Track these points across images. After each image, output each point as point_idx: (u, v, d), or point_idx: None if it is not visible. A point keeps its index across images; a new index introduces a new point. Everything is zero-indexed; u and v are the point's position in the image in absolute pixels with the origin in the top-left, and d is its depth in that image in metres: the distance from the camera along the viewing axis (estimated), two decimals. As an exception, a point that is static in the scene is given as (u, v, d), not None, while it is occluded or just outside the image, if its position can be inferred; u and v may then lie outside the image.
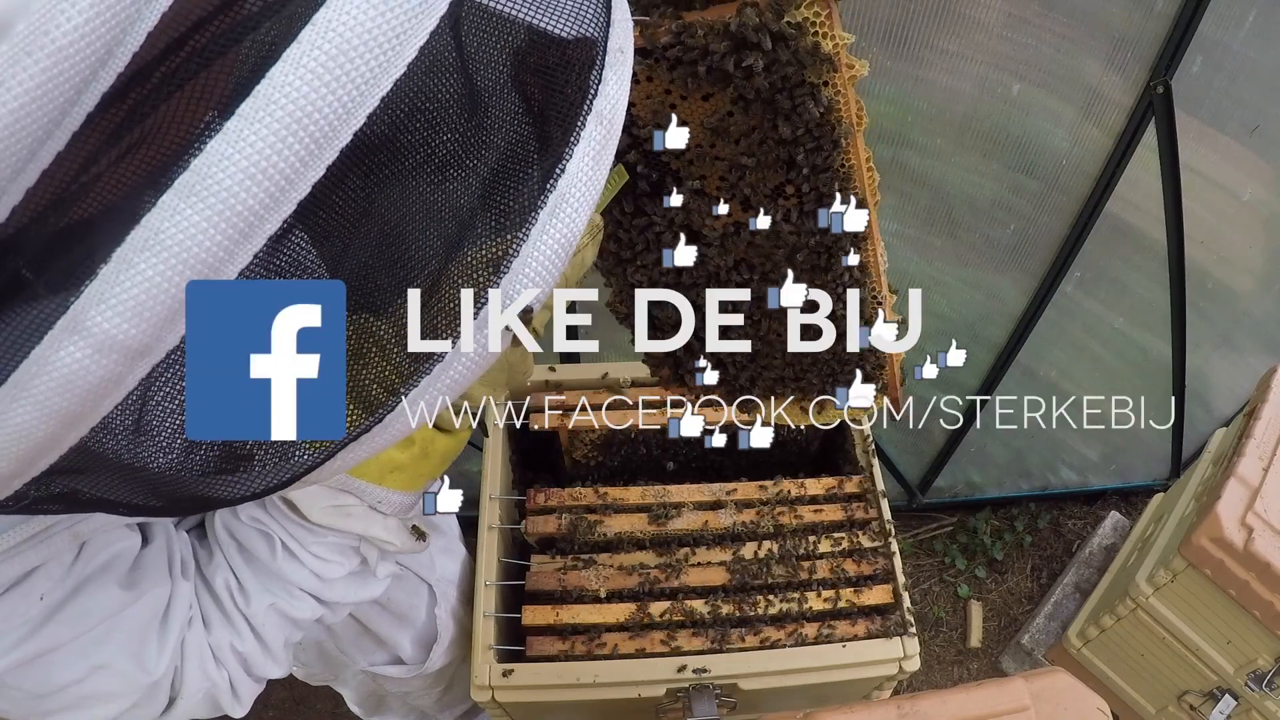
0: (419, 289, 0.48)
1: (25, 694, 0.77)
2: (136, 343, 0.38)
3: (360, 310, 0.48)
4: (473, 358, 0.49)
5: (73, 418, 0.39)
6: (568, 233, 0.49)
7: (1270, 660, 1.80)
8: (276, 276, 0.43)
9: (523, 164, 0.48)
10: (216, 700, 0.92)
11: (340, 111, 0.38)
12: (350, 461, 0.51)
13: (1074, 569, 2.50)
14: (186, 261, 0.36)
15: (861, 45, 1.49)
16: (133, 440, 0.43)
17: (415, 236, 0.48)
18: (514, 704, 1.36)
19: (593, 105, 0.48)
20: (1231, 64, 1.56)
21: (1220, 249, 1.95)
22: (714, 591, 1.43)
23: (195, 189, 0.36)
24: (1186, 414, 2.37)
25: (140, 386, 0.41)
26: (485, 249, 0.48)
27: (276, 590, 0.90)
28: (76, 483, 0.46)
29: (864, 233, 0.80)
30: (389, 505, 0.88)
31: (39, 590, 0.75)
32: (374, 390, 0.50)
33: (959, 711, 1.19)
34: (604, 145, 0.50)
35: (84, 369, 0.37)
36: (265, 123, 0.36)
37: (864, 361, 0.92)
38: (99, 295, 0.36)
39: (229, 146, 0.36)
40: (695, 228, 0.84)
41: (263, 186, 0.37)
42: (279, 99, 0.36)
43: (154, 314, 0.37)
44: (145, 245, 0.36)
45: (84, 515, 0.77)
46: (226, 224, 0.37)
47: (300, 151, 0.37)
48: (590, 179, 0.49)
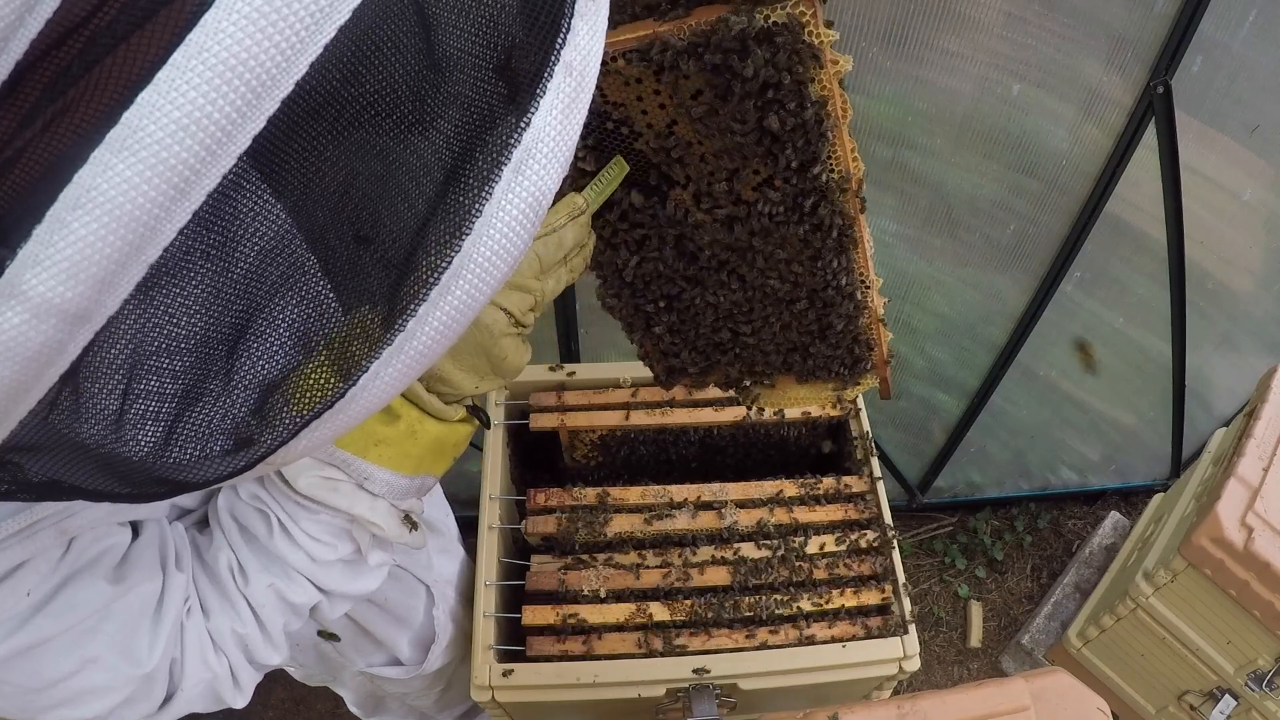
0: (378, 255, 0.45)
1: (17, 689, 0.77)
2: (74, 306, 0.36)
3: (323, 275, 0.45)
4: (434, 331, 0.45)
5: (16, 387, 0.37)
6: (536, 192, 0.45)
7: (1270, 660, 1.80)
8: (221, 238, 0.40)
9: (485, 120, 0.45)
10: (218, 692, 0.92)
11: (279, 59, 0.36)
12: (317, 440, 0.48)
13: (1074, 569, 2.50)
14: (120, 219, 0.35)
15: (861, 45, 1.49)
16: (79, 415, 0.41)
17: (372, 199, 0.44)
18: (514, 704, 1.36)
19: (560, 55, 0.45)
20: (1231, 64, 1.56)
21: (1220, 249, 1.95)
22: (714, 591, 1.43)
23: (126, 142, 0.34)
24: (1186, 414, 2.37)
25: (83, 354, 0.38)
26: (447, 213, 0.44)
27: (275, 571, 0.90)
28: (35, 462, 0.44)
29: (850, 220, 0.81)
30: (376, 483, 0.86)
31: (26, 585, 0.75)
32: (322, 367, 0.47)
33: (959, 711, 1.19)
34: (574, 99, 0.46)
35: (23, 335, 0.36)
36: (198, 71, 0.34)
37: (854, 344, 0.93)
38: (34, 257, 0.34)
39: (160, 97, 0.34)
40: (683, 223, 0.85)
41: (197, 138, 0.35)
42: (212, 46, 0.34)
43: (90, 275, 0.35)
44: (78, 203, 0.34)
45: (72, 511, 0.77)
46: (161, 178, 0.35)
47: (236, 101, 0.35)
48: (560, 134, 0.45)
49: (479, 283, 0.46)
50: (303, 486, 0.84)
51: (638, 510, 1.51)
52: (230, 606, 0.90)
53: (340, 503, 0.85)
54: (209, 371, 0.45)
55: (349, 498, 0.86)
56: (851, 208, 0.80)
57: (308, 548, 0.89)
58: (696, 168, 0.80)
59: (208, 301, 0.42)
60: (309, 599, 0.93)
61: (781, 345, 0.96)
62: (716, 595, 1.42)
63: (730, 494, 1.53)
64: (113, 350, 0.41)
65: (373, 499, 0.87)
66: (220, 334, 0.44)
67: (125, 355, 0.41)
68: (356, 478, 0.85)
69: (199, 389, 0.45)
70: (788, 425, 1.65)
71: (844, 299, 0.88)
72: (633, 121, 0.78)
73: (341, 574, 0.94)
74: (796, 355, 0.96)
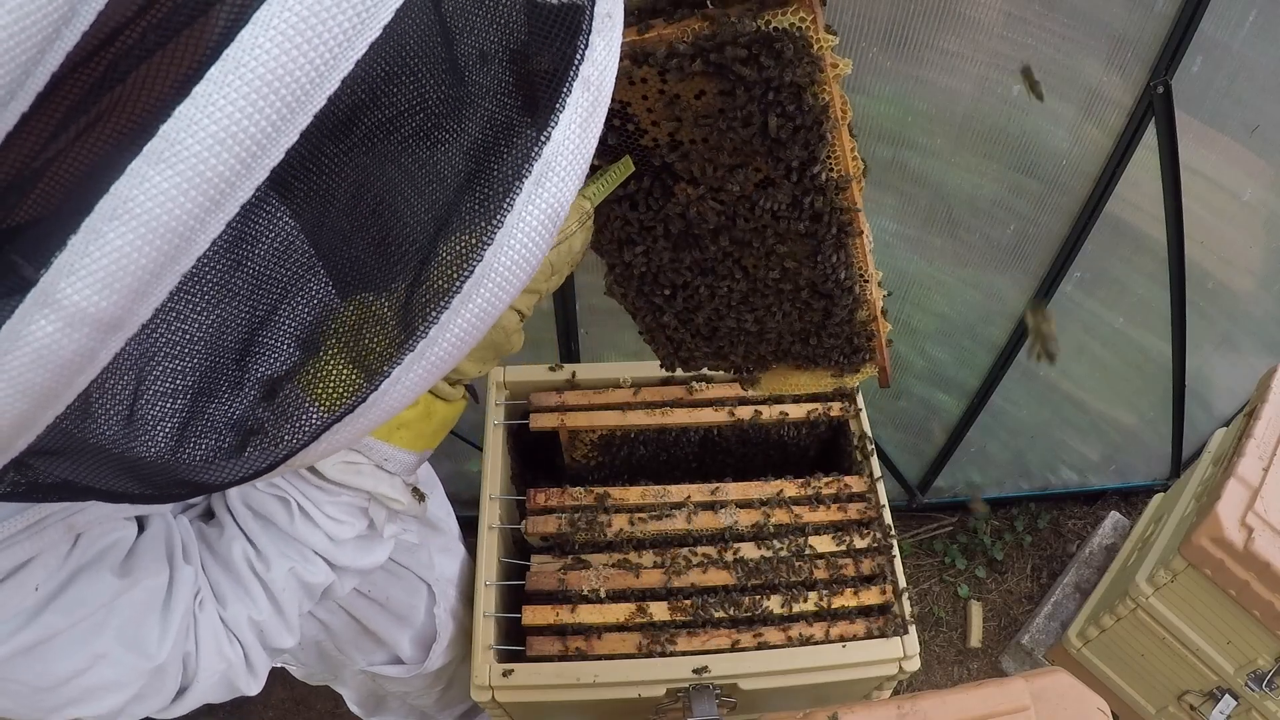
0: (402, 265, 0.46)
1: (27, 687, 0.77)
2: (108, 315, 0.36)
3: (342, 285, 0.46)
4: (455, 338, 0.47)
5: (46, 394, 0.38)
6: (554, 203, 0.46)
7: (1270, 660, 1.80)
8: (253, 247, 0.41)
9: (506, 133, 0.46)
10: (232, 681, 0.93)
11: (312, 75, 0.36)
12: (339, 442, 0.49)
13: (1074, 569, 2.50)
14: (156, 230, 0.35)
15: (861, 46, 1.49)
16: (105, 420, 0.42)
17: (396, 209, 0.45)
18: (514, 704, 1.36)
19: (579, 71, 0.46)
20: (1231, 64, 1.56)
21: (1220, 249, 1.95)
22: (714, 591, 1.43)
23: (164, 155, 0.35)
24: (1186, 414, 2.37)
25: (114, 362, 0.39)
26: (469, 222, 0.45)
27: (294, 555, 0.92)
28: (57, 466, 0.44)
29: (850, 217, 0.83)
30: (395, 463, 0.90)
31: (34, 581, 0.75)
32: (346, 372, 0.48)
33: (959, 711, 1.19)
34: (591, 112, 0.47)
35: (56, 343, 0.36)
36: (235, 86, 0.35)
37: (854, 335, 0.95)
38: (69, 266, 0.35)
39: (198, 111, 0.35)
40: (687, 217, 0.87)
41: (233, 152, 0.35)
42: (249, 62, 0.35)
43: (124, 285, 0.36)
44: (114, 214, 0.35)
45: (79, 507, 0.77)
46: (197, 191, 0.35)
47: (271, 116, 0.36)
48: (578, 148, 0.47)
49: (499, 290, 0.47)
50: (330, 473, 0.88)
51: (638, 510, 1.51)
52: (246, 594, 0.91)
53: (364, 483, 0.90)
54: (233, 377, 0.46)
55: (371, 478, 0.90)
56: (850, 205, 0.82)
57: (327, 528, 0.92)
58: (700, 164, 0.82)
59: (234, 308, 0.43)
60: (325, 579, 0.96)
61: (784, 334, 0.98)
62: (716, 595, 1.42)
63: (730, 494, 1.53)
64: (141, 357, 0.41)
65: (390, 477, 0.92)
66: (245, 339, 0.45)
67: (153, 361, 0.42)
68: (377, 459, 0.89)
69: (227, 393, 0.46)
70: (788, 425, 1.65)
71: (843, 292, 0.90)
72: (638, 119, 0.80)
73: (355, 549, 0.97)
74: (798, 344, 0.99)
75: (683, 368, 1.06)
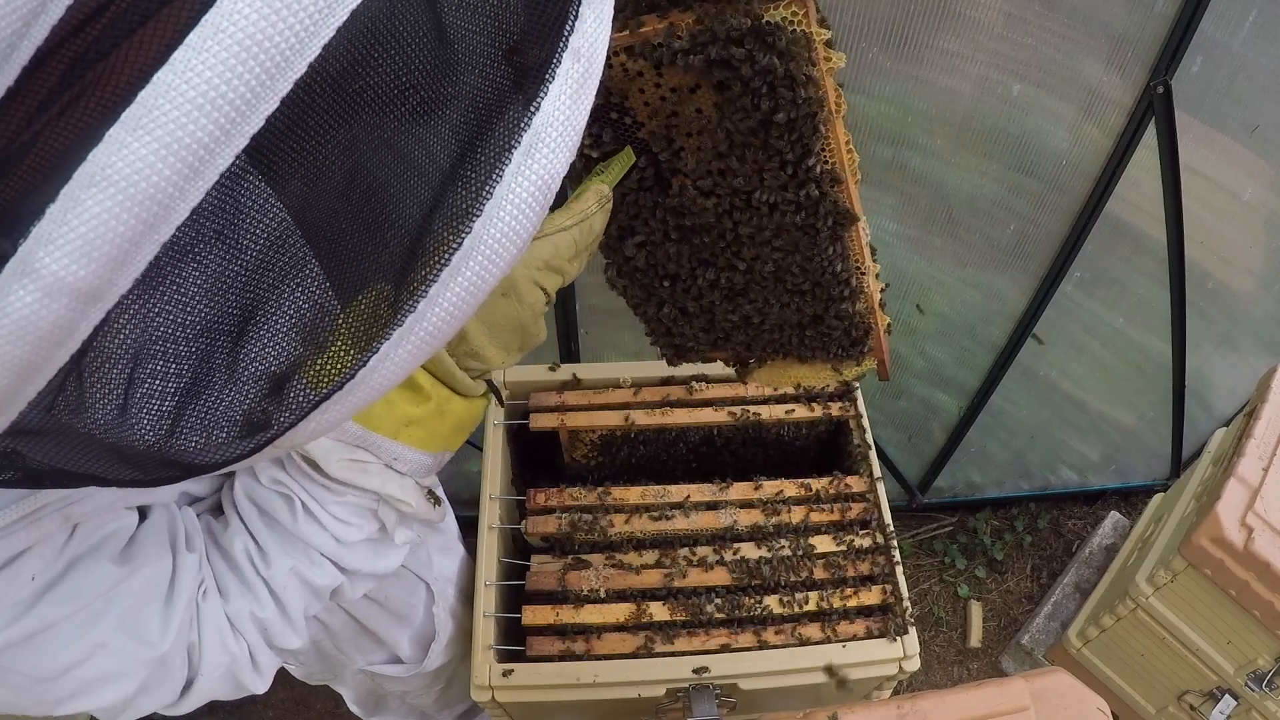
0: (389, 239, 0.45)
1: (27, 678, 0.77)
2: (87, 285, 0.36)
3: (328, 261, 0.46)
4: (444, 312, 0.46)
5: (26, 367, 0.37)
6: (545, 175, 0.46)
7: (1270, 660, 1.80)
8: (235, 221, 0.41)
9: (495, 103, 0.45)
10: (237, 676, 0.92)
11: (292, 40, 0.36)
12: (329, 420, 0.48)
13: (1074, 569, 2.50)
14: (135, 197, 0.35)
15: (861, 46, 1.49)
16: (86, 397, 0.41)
17: (383, 183, 0.45)
18: (514, 704, 1.36)
19: (569, 42, 0.46)
20: (1231, 64, 1.56)
21: (1220, 249, 1.95)
22: (714, 591, 1.43)
23: (142, 121, 0.34)
24: (1186, 414, 2.37)
25: (93, 334, 0.38)
26: (458, 194, 0.45)
27: (297, 554, 0.91)
28: (42, 446, 0.44)
29: (844, 210, 0.84)
30: (405, 463, 0.87)
31: (30, 571, 0.74)
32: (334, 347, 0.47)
33: (959, 711, 1.19)
34: (582, 84, 0.47)
35: (35, 314, 0.36)
36: (213, 51, 0.34)
37: (852, 327, 0.96)
38: (47, 235, 0.35)
39: (176, 77, 0.34)
40: (685, 208, 0.88)
41: (212, 118, 0.35)
42: (227, 26, 0.34)
43: (103, 253, 0.35)
44: (92, 181, 0.34)
45: (77, 497, 0.76)
46: (175, 157, 0.35)
47: (250, 81, 0.35)
48: (568, 119, 0.46)
49: (489, 264, 0.46)
50: (334, 471, 0.85)
51: (638, 510, 1.51)
52: (248, 590, 0.90)
53: (372, 484, 0.87)
54: (217, 354, 0.45)
55: (379, 478, 0.88)
56: (845, 198, 0.83)
57: (333, 529, 0.90)
58: (696, 156, 0.83)
59: (216, 282, 0.43)
60: (332, 581, 0.94)
61: (783, 326, 0.98)
62: (716, 595, 1.42)
63: (730, 494, 1.53)
64: (122, 330, 0.41)
65: (401, 478, 0.89)
66: (229, 315, 0.44)
67: (134, 336, 0.41)
68: (385, 458, 0.87)
69: (208, 371, 0.45)
70: (788, 425, 1.65)
71: (840, 284, 0.91)
72: (635, 111, 0.81)
73: (365, 553, 0.95)
74: (797, 335, 0.99)
75: (682, 359, 1.06)
